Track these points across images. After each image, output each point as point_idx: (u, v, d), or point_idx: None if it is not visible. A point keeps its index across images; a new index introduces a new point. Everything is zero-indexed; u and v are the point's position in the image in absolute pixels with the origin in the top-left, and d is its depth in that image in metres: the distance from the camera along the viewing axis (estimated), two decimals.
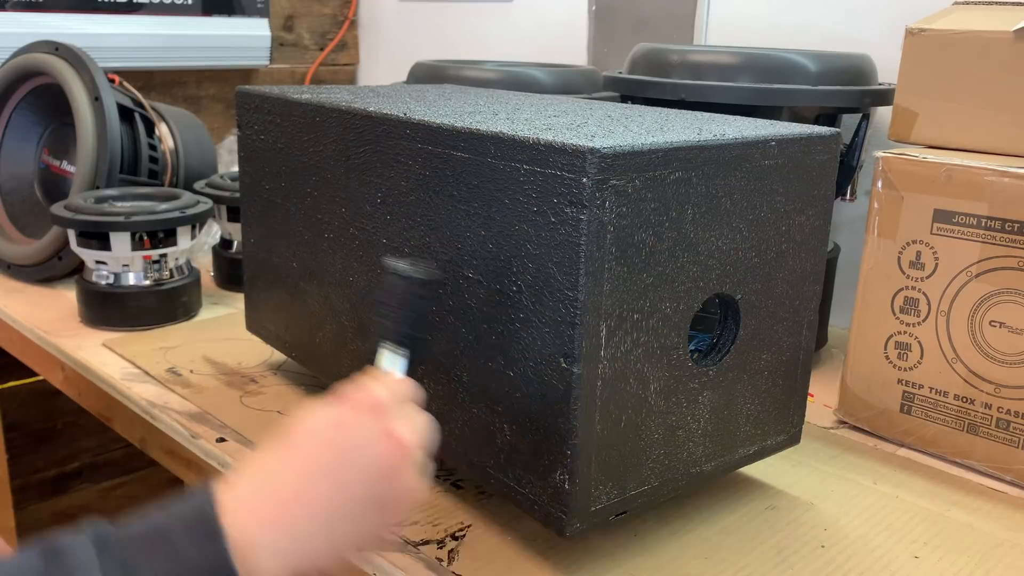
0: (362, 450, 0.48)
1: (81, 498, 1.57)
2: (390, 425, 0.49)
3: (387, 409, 0.50)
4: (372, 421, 0.49)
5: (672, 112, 0.75)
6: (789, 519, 0.70)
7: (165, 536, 0.44)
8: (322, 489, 0.47)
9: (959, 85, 0.81)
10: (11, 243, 1.22)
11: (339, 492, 0.47)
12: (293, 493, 0.47)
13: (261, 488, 0.47)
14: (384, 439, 0.49)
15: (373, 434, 0.49)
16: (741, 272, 0.63)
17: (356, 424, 0.49)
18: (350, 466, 0.48)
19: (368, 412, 0.50)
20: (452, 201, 0.63)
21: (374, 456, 0.48)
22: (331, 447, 0.48)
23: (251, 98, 0.86)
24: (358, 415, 0.50)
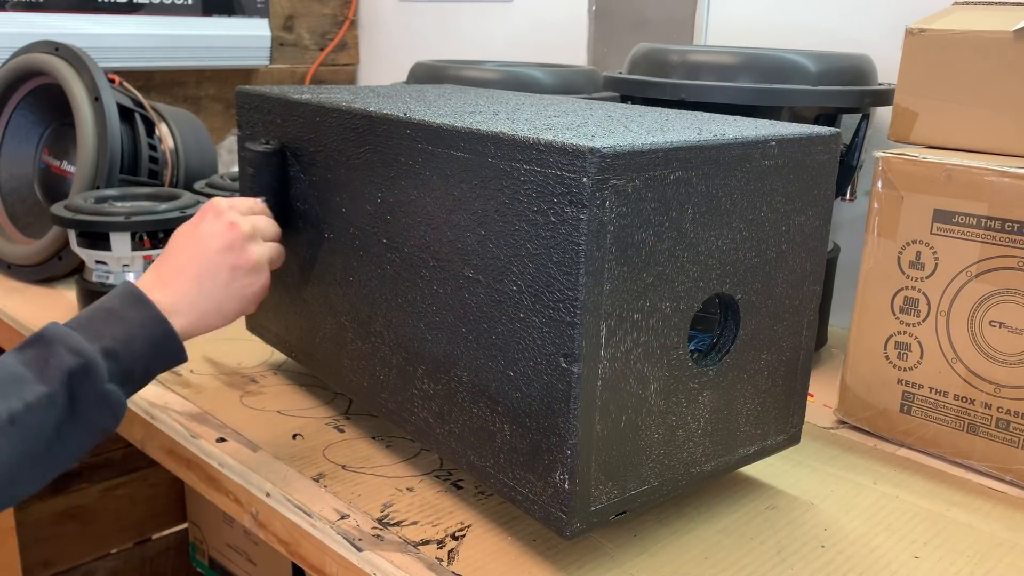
0: (211, 235, 0.71)
1: (81, 498, 1.57)
2: (229, 218, 0.71)
3: (225, 211, 0.72)
4: (215, 218, 0.72)
5: (672, 112, 0.75)
6: (789, 519, 0.70)
7: (111, 310, 0.64)
8: (192, 265, 0.69)
9: (959, 85, 0.81)
10: (11, 243, 1.22)
11: (203, 265, 0.70)
12: (175, 272, 0.69)
13: (156, 274, 0.70)
14: (224, 226, 0.71)
15: (216, 224, 0.71)
16: (741, 272, 0.63)
17: (203, 222, 0.72)
18: (205, 247, 0.70)
19: (212, 214, 0.72)
20: (452, 201, 0.63)
21: (220, 238, 0.70)
22: (191, 241, 0.71)
23: (251, 98, 0.86)
24: (204, 216, 0.72)
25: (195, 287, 0.69)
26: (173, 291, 0.68)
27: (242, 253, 0.71)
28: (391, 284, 0.71)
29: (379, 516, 0.68)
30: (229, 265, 0.70)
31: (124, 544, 1.65)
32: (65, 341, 0.60)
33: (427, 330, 0.67)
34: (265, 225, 0.76)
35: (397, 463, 0.77)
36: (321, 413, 0.86)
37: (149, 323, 0.65)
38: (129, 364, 0.63)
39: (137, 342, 0.64)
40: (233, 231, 0.71)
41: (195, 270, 0.69)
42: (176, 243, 0.72)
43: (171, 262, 0.70)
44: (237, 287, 0.71)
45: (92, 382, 0.61)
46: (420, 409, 0.70)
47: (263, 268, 0.73)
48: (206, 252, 0.70)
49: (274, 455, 0.77)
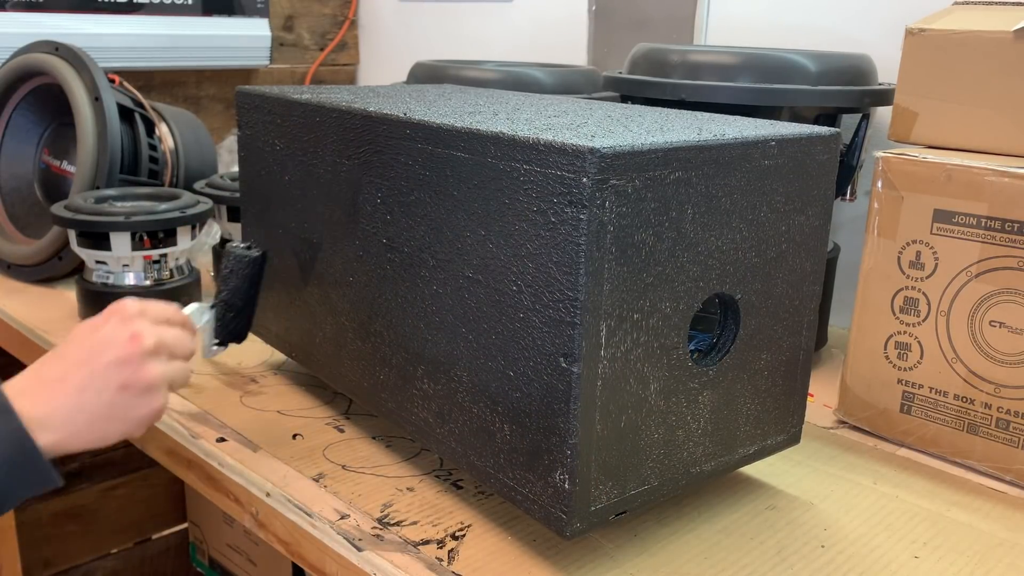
0: (107, 343, 0.63)
1: (81, 498, 1.57)
2: (133, 328, 0.64)
3: (133, 318, 0.64)
4: (119, 324, 0.64)
5: (672, 112, 0.75)
6: (789, 519, 0.70)
7: None
8: (78, 374, 0.62)
9: (959, 85, 0.81)
10: (11, 243, 1.22)
11: (90, 376, 0.62)
12: (56, 379, 0.62)
13: (34, 378, 0.62)
14: (126, 337, 0.63)
15: (117, 333, 0.63)
16: (741, 272, 0.63)
17: (105, 326, 0.64)
18: (97, 356, 0.62)
19: (117, 318, 0.65)
20: (452, 201, 0.63)
21: (117, 348, 0.63)
22: (85, 344, 0.63)
23: (251, 98, 0.86)
24: (108, 320, 0.65)
25: (73, 400, 0.61)
26: (47, 402, 0.60)
27: (137, 371, 0.63)
28: (391, 284, 0.71)
29: (379, 516, 0.68)
30: (118, 382, 0.62)
31: (124, 544, 1.65)
32: None
33: (427, 330, 0.67)
34: (175, 340, 0.67)
35: (397, 463, 0.77)
36: (321, 413, 0.86)
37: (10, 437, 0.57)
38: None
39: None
40: (133, 344, 0.63)
41: (78, 380, 0.61)
42: (71, 342, 0.64)
43: (56, 365, 0.63)
44: (122, 408, 0.63)
45: None
46: (420, 409, 0.70)
47: (158, 390, 0.64)
48: (95, 362, 0.62)
49: (274, 455, 0.77)
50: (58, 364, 0.63)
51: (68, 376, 0.62)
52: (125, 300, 0.66)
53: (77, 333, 0.64)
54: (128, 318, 0.64)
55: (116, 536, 1.64)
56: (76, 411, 0.61)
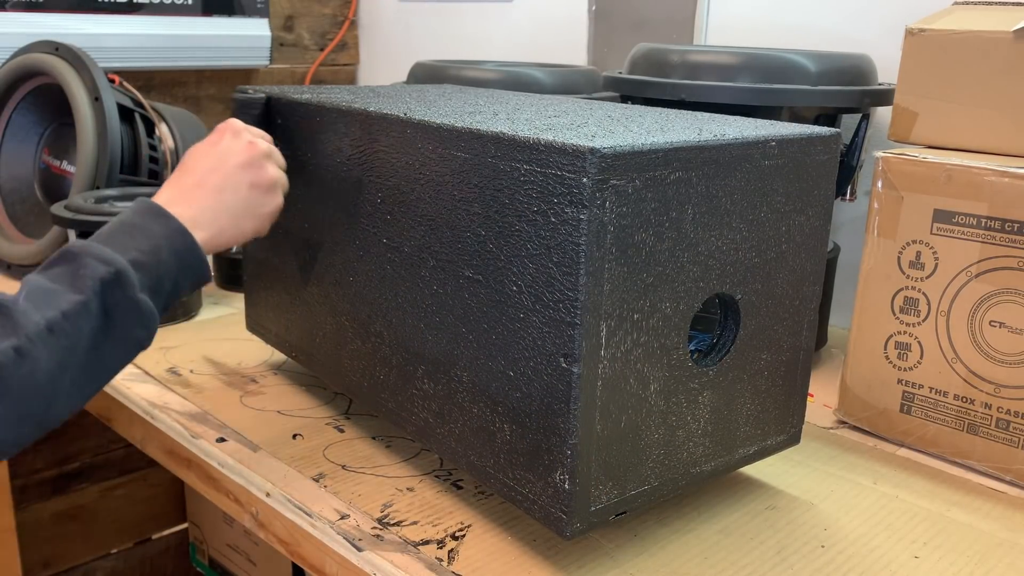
0: (230, 151, 0.71)
1: (81, 498, 1.57)
2: (248, 137, 0.72)
3: (242, 131, 0.73)
4: (233, 136, 0.72)
5: (672, 112, 0.75)
6: (789, 519, 0.70)
7: (133, 224, 0.64)
8: (212, 179, 0.69)
9: (959, 85, 0.81)
10: (11, 243, 1.22)
11: (224, 179, 0.70)
12: (194, 186, 0.69)
13: (175, 190, 0.69)
14: (244, 144, 0.72)
15: (235, 142, 0.72)
16: (741, 272, 0.63)
17: (222, 140, 0.72)
18: (226, 162, 0.70)
19: (230, 133, 0.73)
20: (452, 201, 0.63)
21: (240, 154, 0.71)
22: (210, 155, 0.71)
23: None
24: (223, 135, 0.73)
25: (215, 201, 0.68)
26: (193, 205, 0.67)
27: (261, 171, 0.71)
28: (391, 284, 0.71)
29: (379, 516, 0.68)
30: (248, 181, 0.70)
31: (124, 544, 1.65)
32: (93, 252, 0.60)
33: (427, 330, 0.67)
34: (277, 151, 0.75)
35: (397, 463, 0.77)
36: (321, 413, 0.86)
37: (173, 236, 0.64)
38: (157, 276, 0.63)
39: (163, 253, 0.63)
40: (253, 149, 0.71)
41: (215, 184, 0.69)
42: (193, 159, 0.71)
43: (189, 176, 0.69)
44: (255, 203, 0.71)
45: (124, 291, 0.60)
46: (420, 409, 0.70)
47: (278, 189, 0.73)
48: (226, 167, 0.70)
49: (274, 455, 0.77)
50: (191, 174, 0.69)
51: (205, 182, 0.69)
52: (230, 120, 0.74)
53: (196, 151, 0.71)
54: (239, 131, 0.73)
55: (116, 536, 1.63)
56: (220, 210, 0.69)
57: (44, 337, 0.56)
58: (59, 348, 0.57)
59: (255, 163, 0.71)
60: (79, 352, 0.58)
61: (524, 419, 0.60)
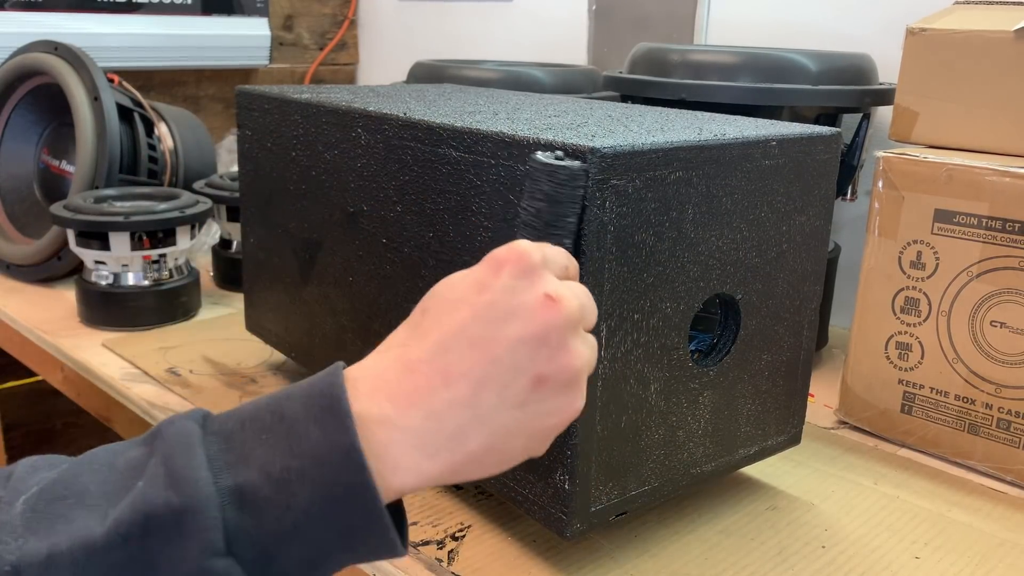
0: (513, 312, 0.40)
1: None
2: (546, 286, 0.41)
3: (541, 269, 0.41)
4: (525, 280, 0.41)
5: (672, 112, 0.75)
6: (790, 519, 0.70)
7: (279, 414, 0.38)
8: (464, 358, 0.39)
9: (959, 85, 0.81)
10: (11, 243, 1.22)
11: (486, 361, 0.39)
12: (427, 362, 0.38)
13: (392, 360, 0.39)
14: (539, 299, 0.40)
15: (527, 294, 0.40)
16: (741, 272, 0.63)
17: (505, 284, 0.41)
18: (499, 331, 0.39)
19: (518, 271, 0.41)
20: (452, 201, 0.63)
21: (529, 319, 0.40)
22: (474, 311, 0.40)
23: (251, 98, 0.86)
24: (506, 274, 0.41)
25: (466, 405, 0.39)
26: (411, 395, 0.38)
27: (559, 353, 0.40)
28: (391, 284, 0.71)
29: None
30: (534, 373, 0.40)
31: None
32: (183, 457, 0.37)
33: None
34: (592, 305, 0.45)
35: None
36: None
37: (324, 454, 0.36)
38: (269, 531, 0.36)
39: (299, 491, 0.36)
40: (553, 312, 0.40)
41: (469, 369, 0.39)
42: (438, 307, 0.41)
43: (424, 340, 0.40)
44: (533, 413, 0.40)
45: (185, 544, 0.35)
46: None
47: (581, 383, 0.42)
48: (500, 343, 0.40)
49: None
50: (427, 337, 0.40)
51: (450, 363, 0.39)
52: (519, 244, 0.42)
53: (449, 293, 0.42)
54: (532, 269, 0.41)
55: None
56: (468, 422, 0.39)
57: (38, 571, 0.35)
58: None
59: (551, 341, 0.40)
60: None
61: None
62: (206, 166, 1.30)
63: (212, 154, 1.33)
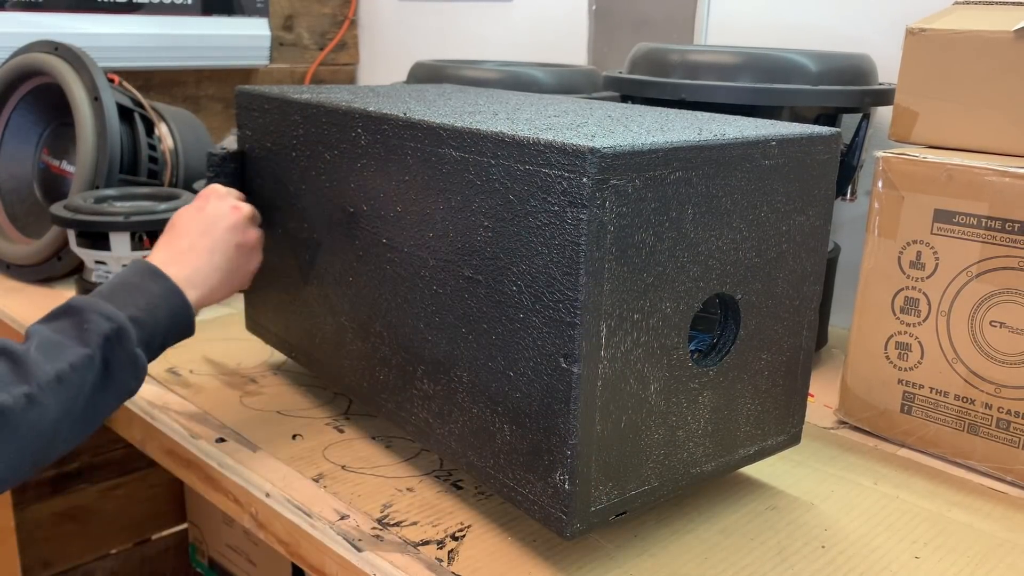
0: (218, 216, 0.77)
1: (81, 498, 1.57)
2: (232, 202, 0.79)
3: (225, 195, 0.79)
4: (219, 200, 0.78)
5: (672, 112, 0.75)
6: (789, 519, 0.70)
7: (132, 284, 0.69)
8: (203, 242, 0.75)
9: (959, 85, 0.81)
10: (11, 243, 1.22)
11: (214, 242, 0.75)
12: (187, 249, 0.74)
13: (168, 252, 0.74)
14: (230, 208, 0.78)
15: (221, 206, 0.78)
16: (741, 272, 0.63)
17: (208, 204, 0.78)
18: (215, 225, 0.76)
19: (215, 197, 0.79)
20: (452, 201, 0.63)
21: (227, 218, 0.77)
22: (200, 219, 0.76)
23: (251, 98, 0.86)
24: (208, 199, 0.78)
25: (206, 262, 0.74)
26: (186, 266, 0.73)
27: (245, 232, 0.78)
28: (391, 284, 0.71)
29: (379, 516, 0.68)
30: (235, 243, 0.76)
31: (124, 544, 1.65)
32: (98, 309, 0.65)
33: (427, 330, 0.67)
34: (255, 213, 0.82)
35: (397, 463, 0.77)
36: (321, 413, 0.86)
37: (168, 295, 0.70)
38: (151, 332, 0.68)
39: (159, 311, 0.69)
40: (237, 212, 0.78)
41: (205, 246, 0.75)
42: (183, 223, 0.76)
43: (181, 240, 0.75)
44: (241, 263, 0.78)
45: (124, 346, 0.65)
46: (420, 409, 0.70)
47: (259, 249, 0.80)
48: (215, 230, 0.76)
49: (274, 455, 0.77)
50: (183, 238, 0.75)
51: (196, 245, 0.74)
52: (212, 185, 0.81)
53: (185, 215, 0.77)
54: (222, 195, 0.79)
55: (116, 536, 1.63)
56: (211, 271, 0.74)
57: (53, 386, 0.61)
58: (65, 397, 0.61)
59: (241, 226, 0.77)
60: (80, 401, 0.62)
61: (524, 419, 0.60)
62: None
63: None
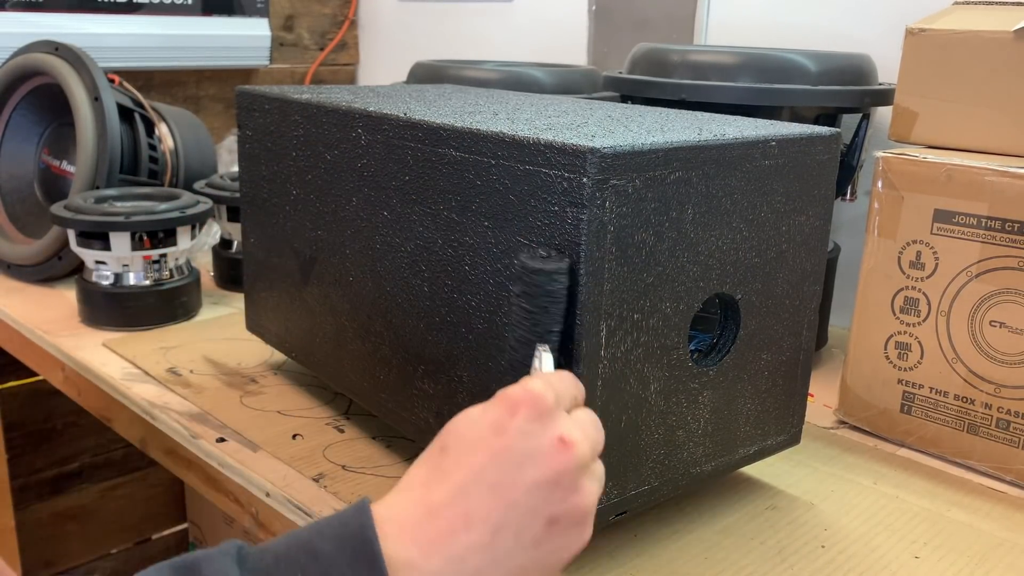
0: (530, 457, 0.42)
1: (81, 498, 1.57)
2: (559, 429, 0.43)
3: (554, 411, 0.44)
4: (539, 424, 0.43)
5: (672, 112, 0.75)
6: (789, 519, 0.70)
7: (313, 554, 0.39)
8: (483, 502, 0.41)
9: (959, 85, 0.81)
10: (11, 243, 1.22)
11: (504, 506, 0.42)
12: (448, 505, 0.41)
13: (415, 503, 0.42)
14: (553, 444, 0.43)
15: (541, 439, 0.43)
16: (741, 272, 0.63)
17: (521, 428, 0.43)
18: (516, 476, 0.42)
19: (533, 414, 0.44)
20: (452, 201, 0.63)
21: (544, 464, 0.42)
22: (492, 454, 0.43)
23: (251, 98, 0.86)
24: (522, 418, 0.44)
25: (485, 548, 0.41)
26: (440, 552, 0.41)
27: (571, 495, 0.43)
28: (391, 284, 0.71)
29: None
30: (547, 515, 0.43)
31: (124, 544, 1.65)
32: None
33: (427, 330, 0.67)
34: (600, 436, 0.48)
35: (397, 463, 0.77)
36: (321, 413, 0.86)
37: None
38: None
39: None
40: (567, 455, 0.43)
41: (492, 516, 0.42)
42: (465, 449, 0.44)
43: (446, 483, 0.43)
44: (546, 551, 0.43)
45: None
46: (420, 409, 0.70)
47: (590, 518, 0.45)
48: (517, 488, 0.42)
49: (274, 455, 0.77)
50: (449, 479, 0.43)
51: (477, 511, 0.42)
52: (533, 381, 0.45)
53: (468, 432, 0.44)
54: (546, 411, 0.44)
55: (116, 536, 1.64)
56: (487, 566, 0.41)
57: None
58: None
59: (563, 483, 0.43)
60: None
61: None
62: (206, 166, 1.30)
63: (212, 154, 1.33)
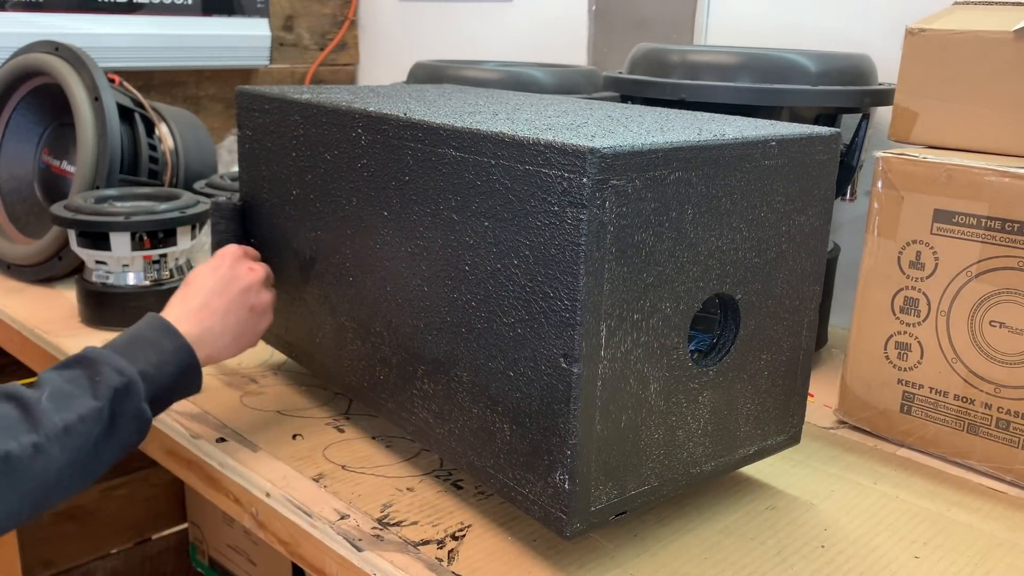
0: (233, 277, 0.78)
1: (81, 498, 1.57)
2: (247, 264, 0.80)
3: (243, 257, 0.81)
4: (235, 262, 0.79)
5: (672, 112, 0.75)
6: (789, 519, 0.70)
7: (145, 338, 0.70)
8: (217, 302, 0.76)
9: (959, 85, 0.81)
10: (11, 243, 1.22)
11: (228, 302, 0.77)
12: (201, 307, 0.75)
13: (183, 308, 0.75)
14: (245, 270, 0.79)
15: (237, 268, 0.79)
16: (741, 272, 0.63)
17: (223, 264, 0.79)
18: (229, 287, 0.77)
19: (231, 259, 0.79)
20: (452, 201, 0.63)
21: (242, 280, 0.78)
22: (215, 278, 0.77)
23: (251, 98, 0.86)
24: (224, 260, 0.79)
25: (219, 322, 0.75)
26: (198, 325, 0.74)
27: (259, 295, 0.79)
28: (391, 284, 0.71)
29: (379, 516, 0.68)
30: (248, 305, 0.78)
31: (124, 544, 1.65)
32: (111, 362, 0.66)
33: (427, 330, 0.67)
34: (267, 269, 0.82)
35: (397, 463, 0.77)
36: (321, 413, 0.86)
37: (179, 353, 0.71)
38: (159, 388, 0.69)
39: (169, 368, 0.70)
40: (253, 275, 0.79)
41: (219, 307, 0.76)
42: (198, 281, 0.77)
43: (195, 298, 0.76)
44: (251, 324, 0.79)
45: (132, 401, 0.66)
46: (420, 409, 0.70)
47: (270, 311, 0.81)
48: (230, 291, 0.77)
49: (274, 455, 0.77)
50: (197, 296, 0.76)
51: (210, 304, 0.75)
52: (230, 246, 0.82)
53: (201, 273, 0.78)
54: (239, 258, 0.80)
55: (116, 536, 1.64)
56: (223, 331, 0.75)
57: (60, 437, 0.62)
58: (71, 448, 0.62)
59: (255, 288, 0.79)
60: (84, 452, 0.63)
61: (524, 419, 0.60)
62: (206, 166, 1.30)
63: (212, 154, 1.33)
